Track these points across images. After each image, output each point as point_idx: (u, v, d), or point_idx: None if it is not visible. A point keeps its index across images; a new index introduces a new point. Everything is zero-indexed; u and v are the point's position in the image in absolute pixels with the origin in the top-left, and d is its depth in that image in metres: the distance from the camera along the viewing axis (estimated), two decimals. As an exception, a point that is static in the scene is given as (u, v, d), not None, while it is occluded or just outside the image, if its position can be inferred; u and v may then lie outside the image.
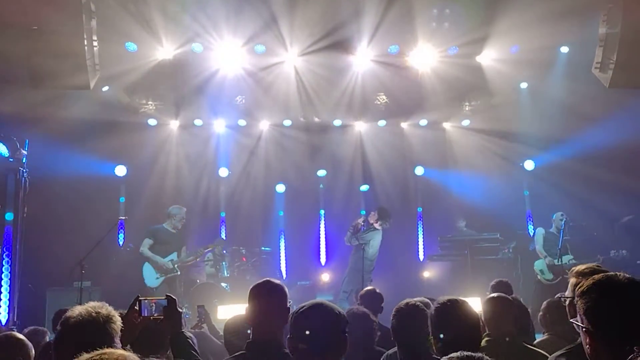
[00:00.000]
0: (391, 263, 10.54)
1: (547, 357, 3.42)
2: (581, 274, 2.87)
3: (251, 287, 3.03)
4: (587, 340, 1.98)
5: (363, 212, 10.87)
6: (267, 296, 2.96)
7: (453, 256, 10.40)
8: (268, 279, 3.08)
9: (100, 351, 1.66)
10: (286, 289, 3.02)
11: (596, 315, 1.95)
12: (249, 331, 3.01)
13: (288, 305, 2.99)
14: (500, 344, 3.55)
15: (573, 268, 3.10)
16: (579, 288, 2.06)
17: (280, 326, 2.95)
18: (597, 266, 3.02)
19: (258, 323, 2.94)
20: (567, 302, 2.99)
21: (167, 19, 8.49)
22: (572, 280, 2.94)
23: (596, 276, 2.07)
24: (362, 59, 9.56)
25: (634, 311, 1.91)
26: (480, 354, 1.91)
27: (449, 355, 1.94)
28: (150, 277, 9.07)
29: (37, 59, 7.53)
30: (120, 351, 1.70)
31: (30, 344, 3.32)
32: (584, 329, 1.99)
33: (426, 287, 10.13)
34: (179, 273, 9.25)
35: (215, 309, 8.36)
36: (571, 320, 2.13)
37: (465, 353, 1.95)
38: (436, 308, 2.90)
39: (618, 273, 2.05)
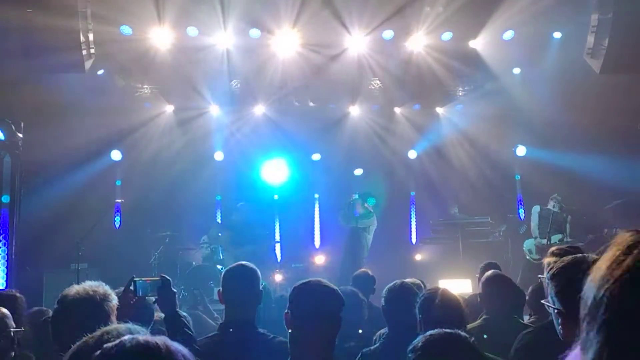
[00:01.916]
0: (385, 246, 10.65)
1: None
2: (554, 254, 2.92)
3: (224, 270, 3.14)
4: (560, 321, 2.04)
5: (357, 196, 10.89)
6: (239, 279, 3.06)
7: (445, 239, 10.53)
8: (241, 262, 3.19)
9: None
10: (259, 273, 3.13)
11: (566, 297, 2.01)
12: None
13: (260, 287, 3.10)
14: (496, 322, 3.62)
15: (550, 249, 3.15)
16: (550, 270, 2.11)
17: (253, 308, 3.06)
18: (570, 247, 3.04)
19: (231, 305, 3.05)
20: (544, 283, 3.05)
21: (160, 2, 8.49)
22: (546, 261, 3.00)
23: (566, 258, 2.13)
24: (356, 44, 9.57)
25: None
26: (456, 331, 2.01)
27: (429, 332, 2.04)
28: None
29: (32, 43, 7.55)
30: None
31: (8, 313, 3.35)
32: (555, 311, 2.06)
33: (419, 270, 10.24)
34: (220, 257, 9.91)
35: (210, 291, 8.52)
36: (542, 301, 2.19)
37: (445, 330, 2.05)
38: (422, 299, 2.98)
39: (588, 255, 2.11)
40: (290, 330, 2.43)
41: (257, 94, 11.17)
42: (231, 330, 2.92)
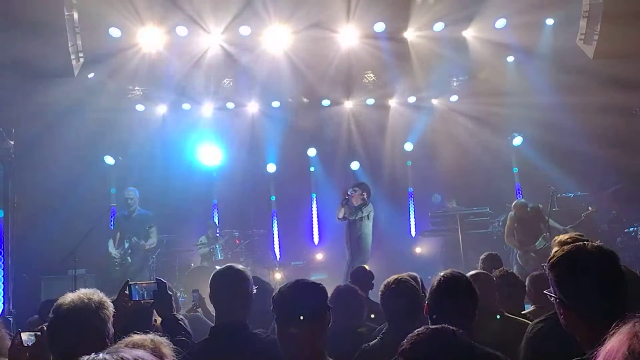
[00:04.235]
0: (384, 239, 10.61)
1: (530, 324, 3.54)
2: (564, 244, 2.88)
3: (212, 273, 3.07)
4: (561, 310, 2.02)
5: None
6: (227, 282, 2.98)
7: (444, 231, 10.49)
8: (230, 264, 3.12)
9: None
10: (248, 274, 3.04)
11: (566, 286, 2.00)
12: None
13: (250, 289, 2.99)
14: (483, 317, 3.60)
15: (555, 238, 3.11)
16: (550, 260, 2.09)
17: (244, 310, 2.96)
18: (580, 235, 3.01)
19: (220, 308, 2.98)
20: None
21: (149, 2, 8.41)
22: (554, 250, 2.97)
23: (565, 247, 2.10)
24: (348, 38, 9.51)
25: (601, 281, 1.95)
26: (443, 326, 1.97)
27: (416, 332, 1.99)
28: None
29: (19, 48, 7.47)
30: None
31: None
32: (556, 300, 2.03)
33: (418, 263, 10.24)
34: (129, 260, 9.07)
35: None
36: (545, 291, 2.17)
37: (431, 327, 2.00)
38: (439, 281, 2.90)
39: (587, 243, 2.08)
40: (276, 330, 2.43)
41: (250, 91, 11.11)
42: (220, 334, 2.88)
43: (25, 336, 2.66)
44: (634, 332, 1.23)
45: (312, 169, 12.55)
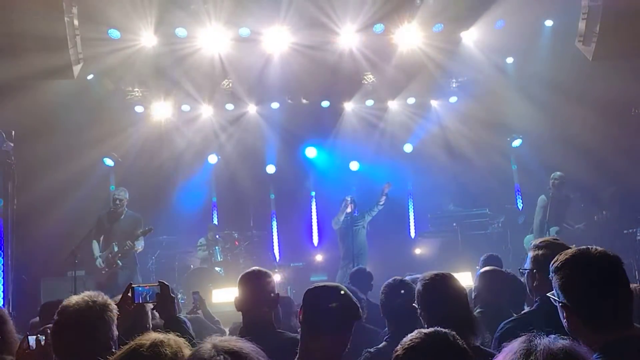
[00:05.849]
0: (383, 241, 10.63)
1: None
2: (537, 247, 2.93)
3: (240, 275, 3.13)
4: (565, 314, 2.03)
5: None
6: (255, 283, 3.07)
7: (444, 232, 10.52)
8: (256, 267, 3.22)
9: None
10: (273, 277, 3.16)
11: (571, 290, 2.00)
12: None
13: (276, 291, 3.10)
14: (491, 316, 3.63)
15: (533, 241, 3.14)
16: (554, 263, 2.09)
17: (270, 311, 3.06)
18: (554, 239, 3.05)
19: (248, 309, 3.05)
20: (525, 274, 3.03)
21: (148, 3, 8.42)
22: (530, 254, 2.99)
23: (569, 251, 2.11)
24: (348, 39, 9.52)
25: (606, 285, 1.96)
26: (436, 329, 1.97)
27: (410, 336, 2.00)
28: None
29: (19, 50, 7.46)
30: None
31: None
32: (560, 304, 2.04)
33: (418, 264, 10.22)
34: (119, 264, 8.65)
35: (209, 293, 8.48)
36: (548, 294, 2.17)
37: (424, 331, 2.01)
38: (424, 283, 2.95)
39: (590, 247, 2.08)
40: (300, 330, 2.45)
41: (249, 92, 11.11)
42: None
43: (32, 339, 2.68)
44: (509, 348, 1.47)
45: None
